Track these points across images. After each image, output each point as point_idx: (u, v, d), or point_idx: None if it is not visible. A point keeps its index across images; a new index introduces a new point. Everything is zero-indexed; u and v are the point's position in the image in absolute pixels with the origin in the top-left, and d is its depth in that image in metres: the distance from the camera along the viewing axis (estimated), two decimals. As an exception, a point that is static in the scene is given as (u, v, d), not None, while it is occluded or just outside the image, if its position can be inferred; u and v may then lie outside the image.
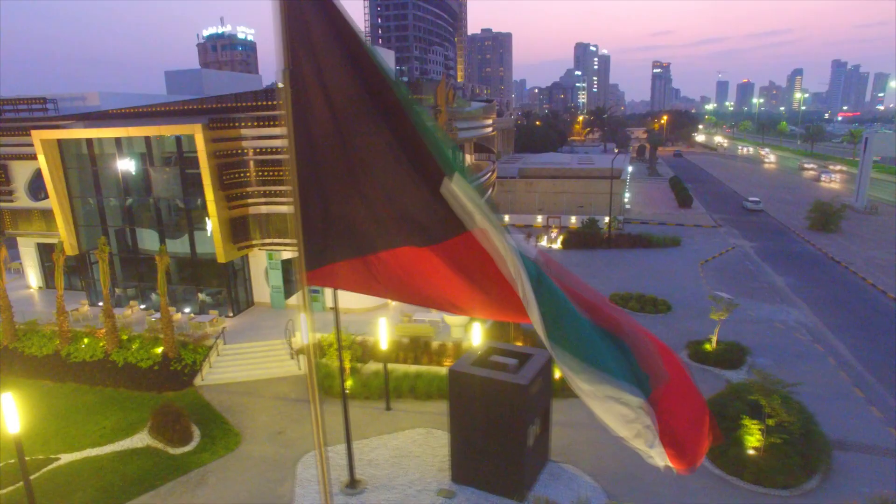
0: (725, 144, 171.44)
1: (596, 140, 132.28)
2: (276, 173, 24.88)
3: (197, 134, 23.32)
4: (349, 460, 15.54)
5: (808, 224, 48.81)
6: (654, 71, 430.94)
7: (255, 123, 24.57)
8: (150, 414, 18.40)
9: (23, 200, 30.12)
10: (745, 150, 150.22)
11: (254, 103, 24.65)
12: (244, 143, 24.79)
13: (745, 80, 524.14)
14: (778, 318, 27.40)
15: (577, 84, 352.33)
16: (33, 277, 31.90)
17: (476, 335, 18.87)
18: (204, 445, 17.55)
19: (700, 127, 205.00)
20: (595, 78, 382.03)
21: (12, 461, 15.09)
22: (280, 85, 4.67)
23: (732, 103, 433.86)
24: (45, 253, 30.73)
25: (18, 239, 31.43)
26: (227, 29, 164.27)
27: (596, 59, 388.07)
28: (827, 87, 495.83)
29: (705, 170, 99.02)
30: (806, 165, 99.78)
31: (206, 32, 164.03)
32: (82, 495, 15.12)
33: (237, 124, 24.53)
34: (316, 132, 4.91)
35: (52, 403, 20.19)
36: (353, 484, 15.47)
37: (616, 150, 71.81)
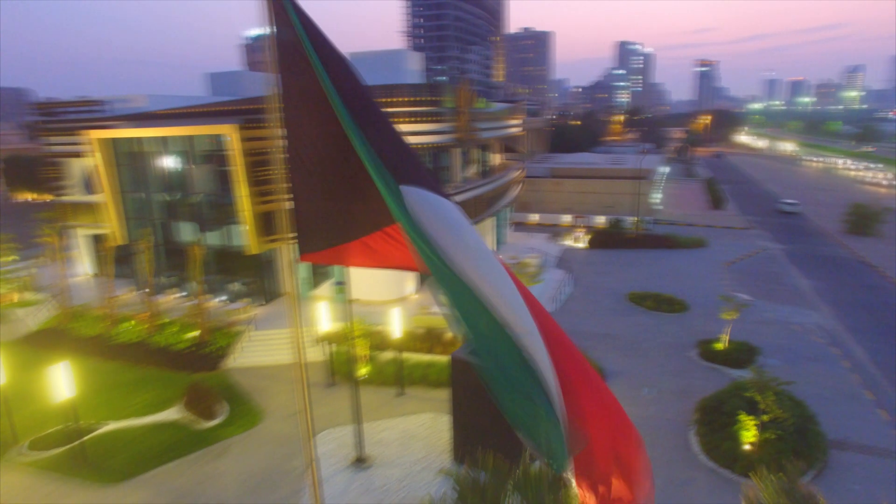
0: (796, 151, 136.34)
1: (633, 140, 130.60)
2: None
3: (232, 134, 25.04)
4: (359, 439, 16.78)
5: (847, 227, 47.61)
6: (700, 69, 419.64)
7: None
8: (182, 391, 20.08)
9: (78, 195, 32.73)
10: (836, 162, 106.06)
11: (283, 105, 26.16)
12: (276, 142, 26.35)
13: (797, 78, 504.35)
14: (796, 320, 27.28)
15: (619, 83, 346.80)
16: (85, 265, 34.53)
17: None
18: (229, 421, 19.11)
19: (745, 128, 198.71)
20: (638, 77, 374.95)
21: (69, 424, 17.03)
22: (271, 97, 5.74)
23: (782, 102, 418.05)
24: (97, 243, 33.25)
25: (74, 230, 34.12)
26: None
27: (639, 57, 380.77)
28: (890, 83, 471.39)
29: (744, 171, 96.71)
30: None
31: (250, 33, 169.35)
32: (123, 457, 16.93)
33: (269, 124, 26.11)
34: (306, 141, 6.12)
35: (99, 379, 22.12)
36: (361, 460, 16.70)
37: (644, 151, 71.18)
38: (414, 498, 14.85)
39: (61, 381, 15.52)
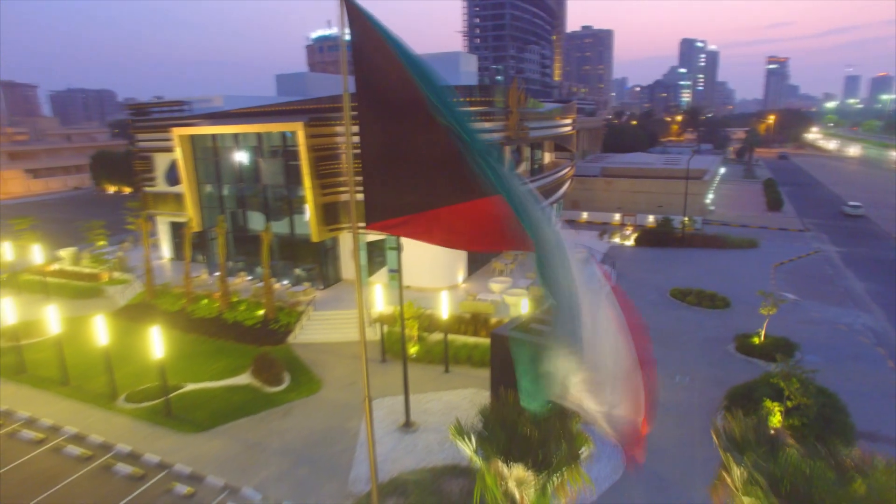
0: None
1: (692, 141, 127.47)
2: (363, 166, 28.50)
3: (299, 131, 27.43)
4: (406, 407, 18.62)
5: (915, 232, 45.83)
6: (768, 67, 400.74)
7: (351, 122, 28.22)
8: (251, 361, 22.52)
9: (161, 186, 36.26)
10: None
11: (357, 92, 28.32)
12: (338, 139, 28.62)
13: (881, 74, 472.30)
14: (843, 320, 27.16)
15: (681, 82, 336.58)
16: (166, 249, 38.11)
17: (524, 306, 21.28)
18: (291, 388, 21.38)
19: (815, 129, 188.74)
20: (701, 76, 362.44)
21: (158, 383, 19.95)
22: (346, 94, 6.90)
23: (858, 100, 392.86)
24: (175, 230, 36.71)
25: (156, 217, 37.74)
26: (334, 31, 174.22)
27: (703, 55, 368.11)
28: None
29: (809, 173, 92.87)
30: None
31: (314, 34, 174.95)
32: (201, 413, 19.45)
33: (333, 122, 28.36)
34: (378, 128, 7.18)
35: (180, 348, 24.86)
36: (408, 425, 18.52)
37: (695, 151, 70.13)
38: (453, 458, 16.50)
39: (155, 342, 18.10)
